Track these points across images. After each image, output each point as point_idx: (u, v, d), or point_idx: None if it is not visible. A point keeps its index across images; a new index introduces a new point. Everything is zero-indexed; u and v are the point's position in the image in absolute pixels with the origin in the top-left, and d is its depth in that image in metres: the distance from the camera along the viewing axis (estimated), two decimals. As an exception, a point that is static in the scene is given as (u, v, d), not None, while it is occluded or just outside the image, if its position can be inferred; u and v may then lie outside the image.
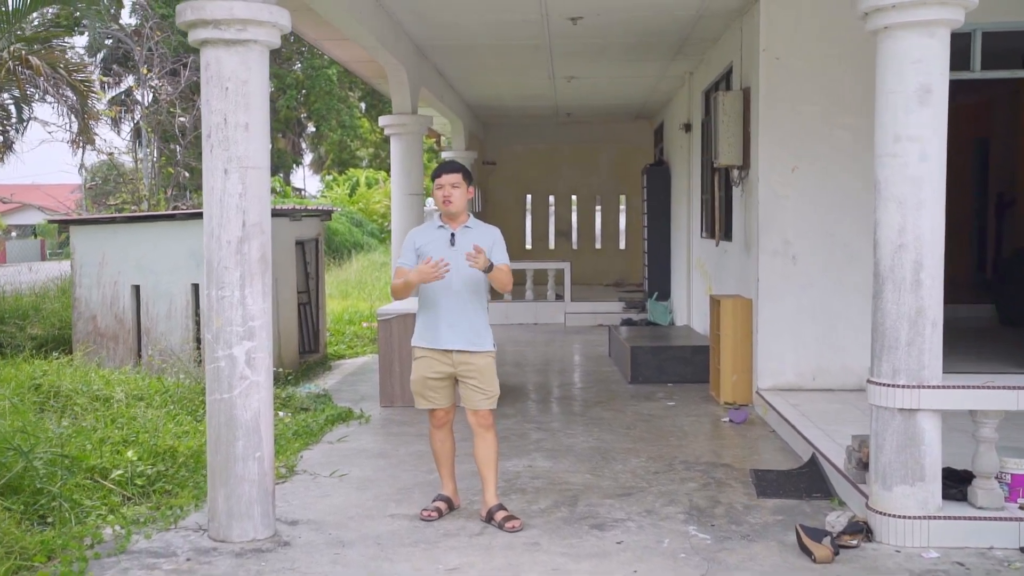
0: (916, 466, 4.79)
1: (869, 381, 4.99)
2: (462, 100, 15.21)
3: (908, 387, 4.78)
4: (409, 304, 9.03)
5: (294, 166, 44.02)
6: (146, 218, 9.78)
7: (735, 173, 8.87)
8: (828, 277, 8.11)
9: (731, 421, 7.78)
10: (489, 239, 5.36)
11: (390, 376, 8.71)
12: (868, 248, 8.07)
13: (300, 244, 11.51)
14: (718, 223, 9.35)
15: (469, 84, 13.60)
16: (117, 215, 10.95)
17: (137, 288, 9.41)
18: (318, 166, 48.79)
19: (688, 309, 12.64)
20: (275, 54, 37.57)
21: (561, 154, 20.20)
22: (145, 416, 6.81)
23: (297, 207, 11.28)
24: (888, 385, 4.83)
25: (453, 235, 5.30)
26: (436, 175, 5.34)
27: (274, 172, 38.91)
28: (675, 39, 10.29)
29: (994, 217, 13.79)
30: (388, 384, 8.72)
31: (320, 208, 11.75)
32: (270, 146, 5.16)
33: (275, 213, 10.08)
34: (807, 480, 5.98)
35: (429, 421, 5.52)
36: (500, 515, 5.25)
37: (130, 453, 5.87)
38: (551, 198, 20.89)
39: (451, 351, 5.25)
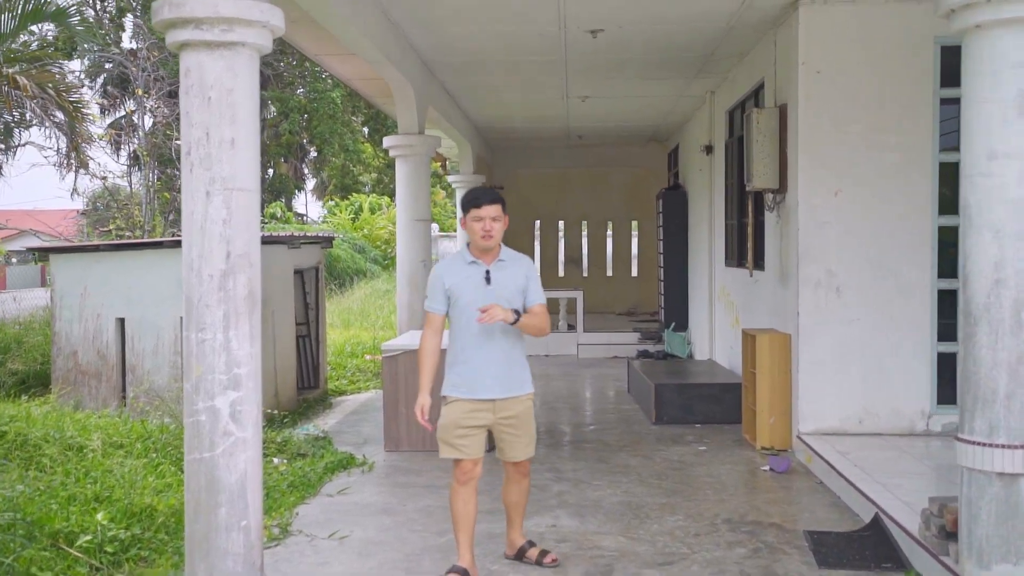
0: (1021, 542, 4.06)
1: (959, 439, 4.29)
2: (470, 121, 14.58)
3: (1009, 447, 4.07)
4: (414, 339, 8.33)
5: (296, 192, 43.49)
6: (132, 246, 9.09)
7: (769, 197, 8.19)
8: (876, 310, 7.40)
9: (772, 470, 7.05)
10: (523, 274, 4.82)
11: (395, 418, 7.99)
12: (920, 279, 7.41)
13: (299, 273, 10.83)
14: (751, 251, 8.67)
15: (478, 104, 12.96)
16: (100, 243, 10.26)
17: (122, 321, 8.72)
18: (321, 191, 48.30)
19: (711, 342, 11.92)
20: (278, 78, 37.31)
21: (571, 178, 19.56)
22: (122, 468, 6.10)
23: (296, 234, 10.60)
24: (984, 444, 4.14)
25: (488, 273, 4.71)
26: (473, 204, 4.70)
27: (276, 197, 38.38)
28: (699, 55, 9.65)
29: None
30: (393, 427, 8.00)
31: (320, 235, 11.07)
32: (260, 166, 4.47)
33: (272, 240, 9.42)
34: (872, 545, 5.24)
35: (453, 475, 4.86)
36: (534, 552, 5.07)
37: (100, 515, 5.14)
38: (560, 224, 20.23)
39: (493, 400, 4.73)
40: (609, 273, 20.28)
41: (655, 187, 17.58)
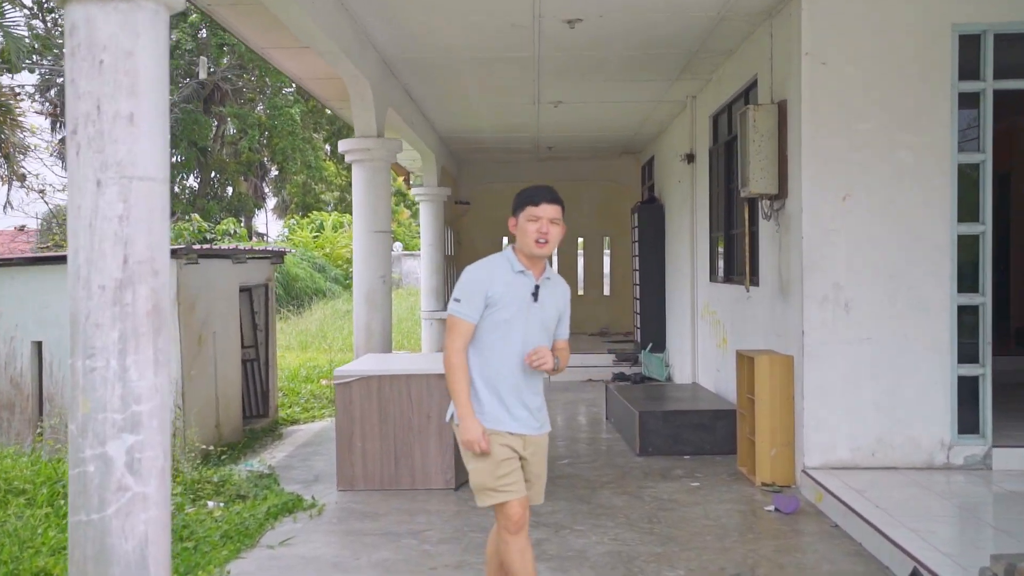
0: None
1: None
2: (434, 130, 13.72)
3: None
4: (372, 364, 7.42)
5: (256, 210, 42.35)
6: (48, 260, 8.08)
7: (766, 204, 7.39)
8: (889, 329, 6.61)
9: (777, 510, 6.21)
10: (564, 300, 4.12)
11: (349, 452, 7.06)
12: (938, 293, 6.63)
13: (247, 291, 9.88)
14: (747, 264, 7.87)
15: (443, 110, 12.11)
16: (13, 256, 9.24)
17: (39, 345, 7.71)
18: (282, 210, 47.22)
19: (693, 364, 11.10)
20: (237, 94, 36.33)
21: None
22: (19, 519, 5.11)
23: (241, 247, 9.64)
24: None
25: (537, 288, 3.92)
26: (529, 200, 3.87)
27: (234, 215, 37.27)
28: (684, 51, 8.87)
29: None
30: (347, 463, 7.06)
31: (270, 249, 10.11)
32: (168, 151, 3.58)
33: (214, 254, 8.49)
34: (913, 608, 4.41)
35: (501, 525, 3.92)
36: None
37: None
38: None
39: (524, 436, 3.93)
40: (580, 292, 19.46)
41: (628, 202, 16.82)
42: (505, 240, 19.48)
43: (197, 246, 8.05)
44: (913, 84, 6.56)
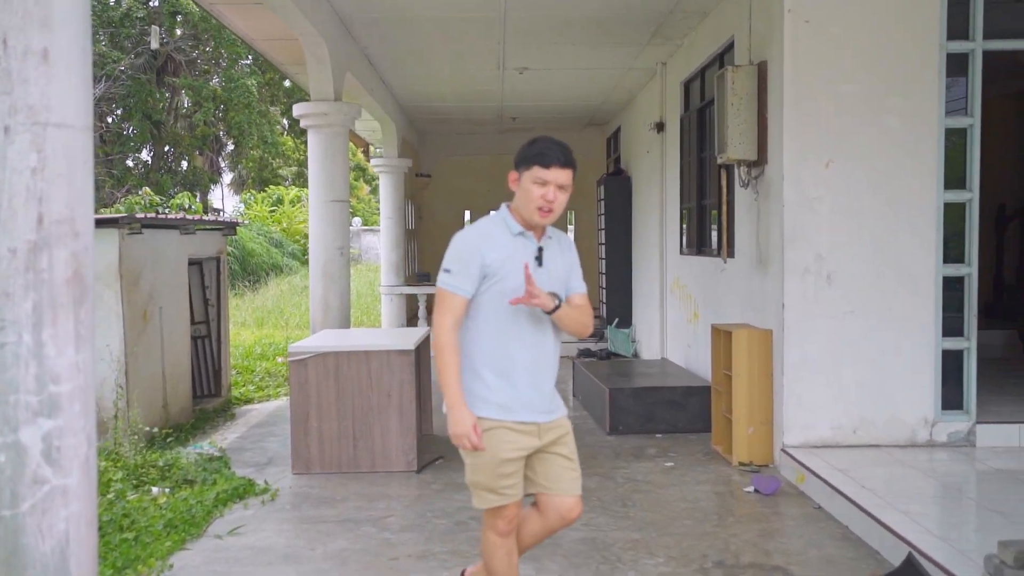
0: None
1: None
2: (394, 98, 13.23)
3: None
4: (329, 340, 7.01)
5: (212, 185, 41.43)
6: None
7: (743, 171, 7.06)
8: (874, 302, 6.32)
9: (757, 491, 5.91)
10: (570, 255, 3.62)
11: (305, 434, 6.65)
12: (923, 264, 6.34)
13: (197, 264, 9.39)
14: (724, 235, 7.54)
15: (404, 75, 11.62)
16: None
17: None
18: (238, 185, 46.26)
19: (662, 339, 10.80)
20: (191, 65, 35.33)
21: (503, 166, 17.96)
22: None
23: (189, 217, 9.14)
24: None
25: (540, 251, 3.44)
26: (538, 159, 3.34)
27: (189, 190, 36.38)
28: (656, 12, 8.50)
29: (993, 233, 12.29)
30: (302, 445, 6.66)
31: (222, 220, 9.61)
32: (91, 96, 3.13)
33: (160, 224, 7.99)
34: (911, 597, 4.12)
35: (489, 525, 3.54)
36: None
37: None
38: (492, 214, 18.98)
39: (539, 424, 3.46)
40: (544, 267, 19.11)
41: (593, 175, 16.46)
42: (468, 214, 19.07)
43: (141, 215, 7.54)
44: (900, 44, 6.25)
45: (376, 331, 7.87)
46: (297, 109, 8.48)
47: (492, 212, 3.55)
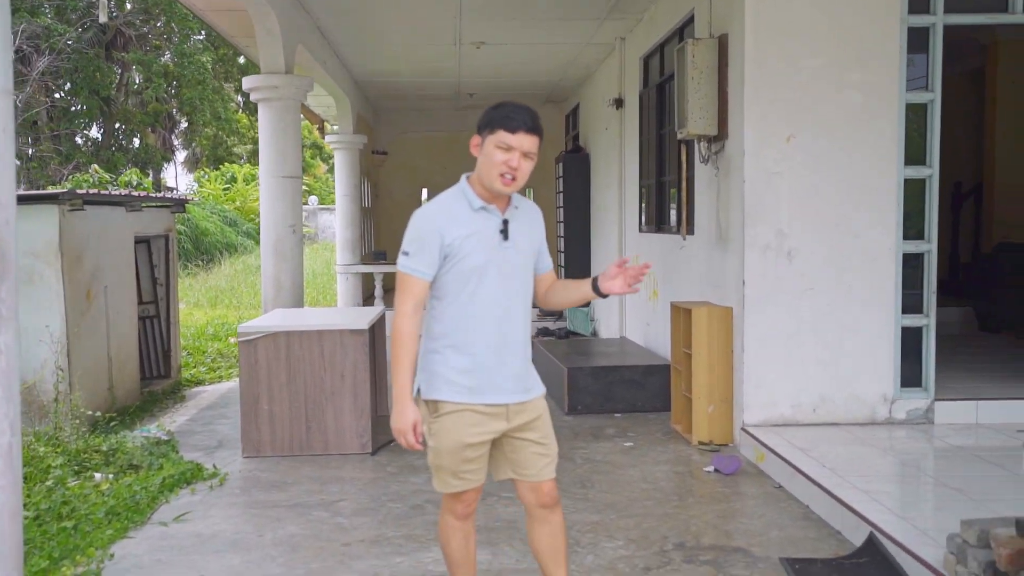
0: None
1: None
2: (349, 73, 12.95)
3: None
4: (280, 319, 6.81)
5: (165, 163, 40.66)
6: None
7: (703, 146, 6.95)
8: (834, 279, 6.26)
9: (717, 471, 5.84)
10: (538, 227, 3.41)
11: (255, 416, 6.46)
12: (886, 242, 6.26)
13: (145, 242, 9.11)
14: (684, 211, 7.43)
15: (358, 49, 11.36)
16: None
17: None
18: (192, 164, 45.46)
19: (621, 317, 10.72)
20: (142, 40, 34.53)
21: (461, 143, 17.86)
22: None
23: (135, 193, 8.84)
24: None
25: (506, 224, 3.23)
26: (504, 124, 3.12)
27: (141, 168, 35.63)
28: (615, -14, 8.34)
29: (949, 211, 12.35)
30: (253, 427, 6.47)
31: (170, 196, 9.33)
32: (12, 59, 2.92)
33: (104, 200, 7.72)
34: (873, 578, 4.06)
35: (447, 507, 3.40)
36: None
37: None
38: (452, 189, 18.76)
39: (508, 405, 3.26)
40: (502, 246, 18.96)
41: (551, 152, 16.31)
42: (425, 192, 18.83)
43: (83, 191, 7.26)
44: (862, 17, 6.15)
45: (329, 310, 7.68)
46: (247, 82, 8.23)
47: (453, 186, 3.35)
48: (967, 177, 11.74)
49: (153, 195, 8.71)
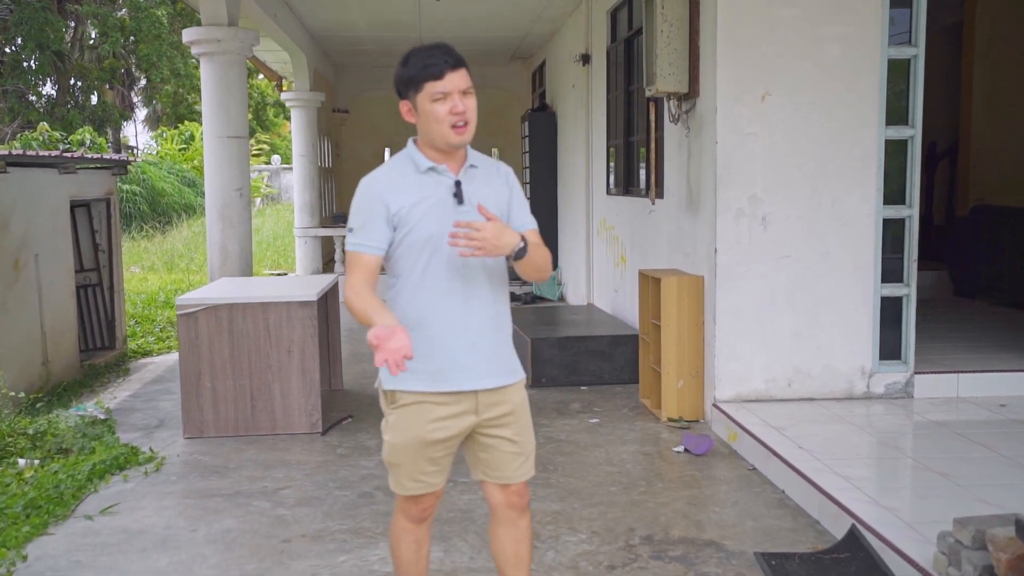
0: None
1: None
2: (304, 27, 12.37)
3: None
4: (223, 290, 6.38)
5: (123, 121, 39.57)
6: None
7: (673, 104, 6.55)
8: (810, 246, 5.91)
9: (687, 451, 5.51)
10: (504, 186, 2.96)
11: (197, 395, 6.04)
12: (865, 207, 5.90)
13: (85, 206, 8.60)
14: (654, 174, 7.03)
15: (313, 2, 10.78)
16: None
17: None
18: (153, 121, 44.35)
19: (588, 283, 10.36)
20: (95, -8, 33.28)
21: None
22: None
23: (69, 153, 8.30)
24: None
25: (458, 185, 2.83)
26: (427, 72, 2.73)
27: (99, 126, 34.59)
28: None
29: (923, 171, 12.05)
30: (194, 406, 6.05)
31: (110, 157, 8.80)
32: None
33: (34, 162, 7.22)
34: (855, 574, 3.74)
35: (400, 508, 3.02)
36: None
37: None
38: (387, 151, 18.25)
39: (477, 392, 2.86)
40: (467, 207, 18.52)
41: (518, 110, 15.88)
42: (388, 151, 18.29)
43: (5, 151, 6.74)
44: (843, -35, 5.75)
45: (278, 280, 7.24)
46: (187, 34, 7.69)
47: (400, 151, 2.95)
48: (941, 137, 11.43)
49: (91, 156, 8.17)
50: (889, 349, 6.05)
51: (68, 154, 7.76)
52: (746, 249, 5.90)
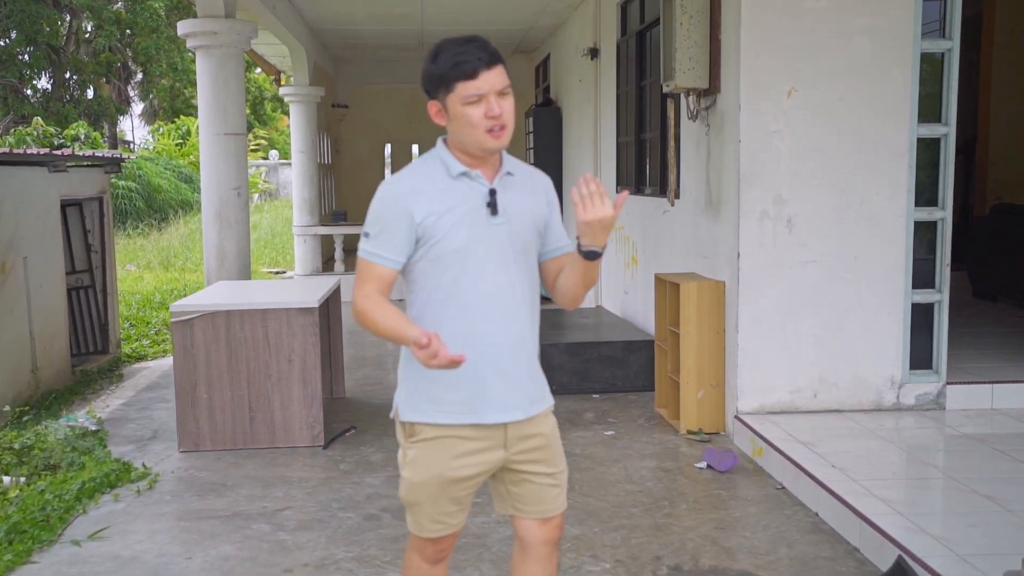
0: None
1: None
2: (303, 20, 12.05)
3: None
4: (220, 296, 6.09)
5: (119, 116, 39.24)
6: None
7: (692, 101, 6.25)
8: (838, 250, 5.62)
9: (710, 467, 5.22)
10: (543, 199, 2.64)
11: (193, 406, 5.75)
12: (893, 207, 5.60)
13: (76, 206, 8.30)
14: (673, 172, 6.73)
15: (311, -6, 10.48)
16: None
17: None
18: (150, 116, 44.02)
19: (596, 285, 10.04)
20: (90, -15, 32.93)
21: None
22: None
23: (61, 150, 8.00)
24: None
25: (493, 194, 2.51)
26: (460, 72, 2.41)
27: (95, 121, 34.23)
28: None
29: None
30: (190, 418, 5.76)
31: (103, 155, 8.49)
32: None
33: (22, 160, 6.91)
34: (905, 614, 3.45)
35: (415, 547, 2.72)
36: None
37: None
38: (415, 148, 17.96)
39: (507, 424, 2.56)
40: (469, 203, 18.21)
41: (521, 105, 15.54)
42: (389, 148, 18.00)
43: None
44: (874, -46, 5.45)
45: (278, 284, 6.94)
46: (182, 27, 7.38)
47: (428, 151, 2.64)
48: (958, 132, 11.12)
49: (83, 154, 7.87)
50: (920, 358, 5.76)
51: (58, 152, 7.45)
52: (770, 253, 5.60)
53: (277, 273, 16.12)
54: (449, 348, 2.39)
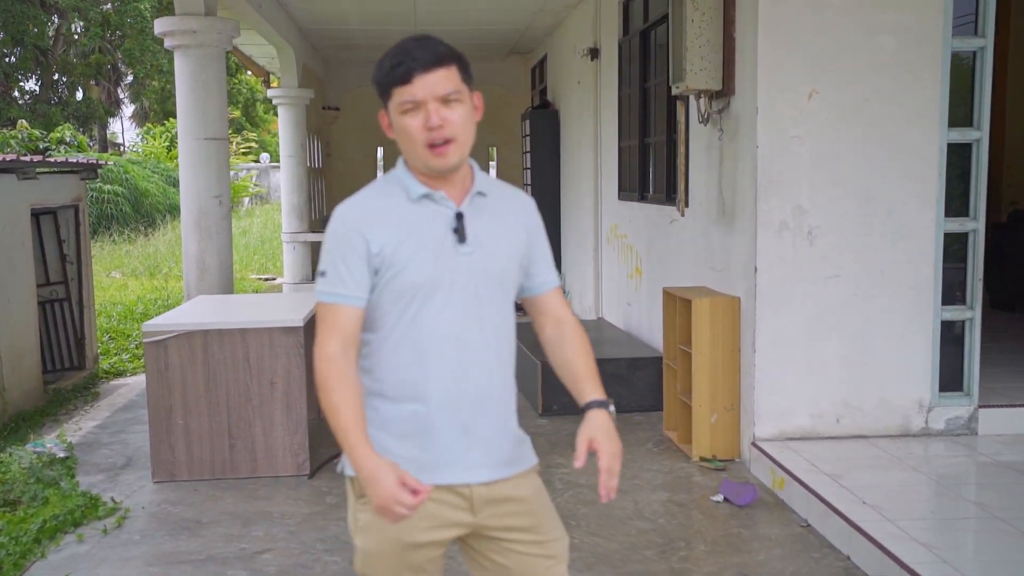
0: None
1: None
2: (292, 19, 11.62)
3: None
4: (197, 313, 5.66)
5: (109, 118, 38.78)
6: None
7: (703, 103, 5.84)
8: (863, 264, 5.22)
9: (727, 500, 4.82)
10: (521, 225, 2.26)
11: (168, 433, 5.33)
12: (922, 217, 5.19)
13: (50, 214, 7.87)
14: (682, 179, 6.32)
15: (299, -8, 10.06)
16: None
17: None
18: (141, 119, 43.54)
19: (597, 294, 9.66)
20: (77, -14, 32.45)
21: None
22: None
23: (29, 157, 7.56)
24: None
25: (460, 218, 2.14)
26: (396, 78, 2.05)
27: (83, 123, 33.76)
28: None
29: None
30: (165, 446, 5.34)
31: (77, 161, 8.06)
32: None
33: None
34: None
35: None
36: None
37: None
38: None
39: (471, 485, 2.17)
40: (464, 208, 17.77)
41: (517, 108, 15.15)
42: (381, 151, 17.57)
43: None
44: (901, -55, 5.05)
45: (260, 299, 6.52)
46: (159, 25, 6.94)
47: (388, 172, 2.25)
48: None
49: (56, 160, 7.44)
50: (949, 379, 5.37)
51: (26, 158, 7.01)
52: (790, 267, 5.20)
53: (266, 280, 15.70)
54: (409, 396, 2.11)
